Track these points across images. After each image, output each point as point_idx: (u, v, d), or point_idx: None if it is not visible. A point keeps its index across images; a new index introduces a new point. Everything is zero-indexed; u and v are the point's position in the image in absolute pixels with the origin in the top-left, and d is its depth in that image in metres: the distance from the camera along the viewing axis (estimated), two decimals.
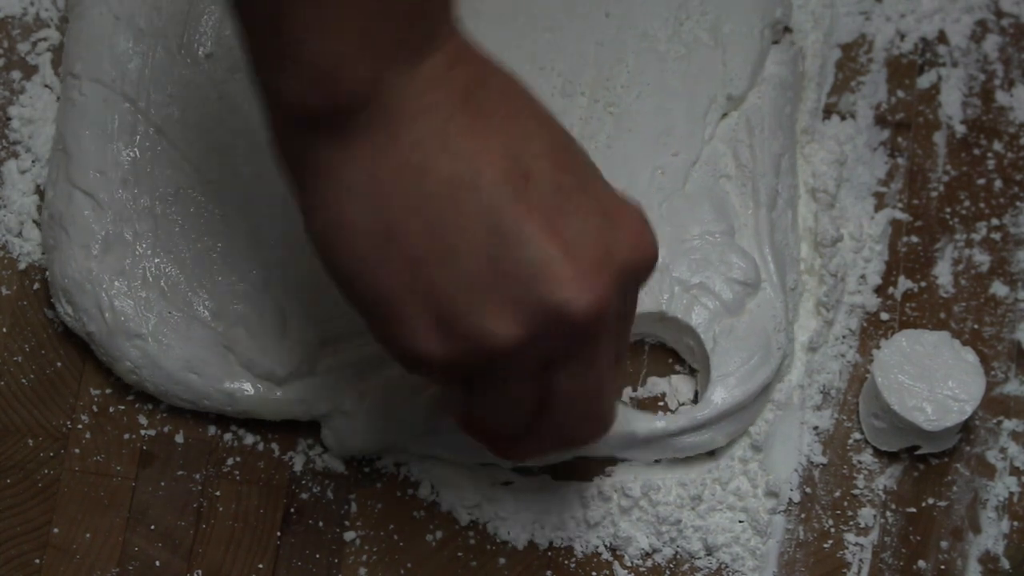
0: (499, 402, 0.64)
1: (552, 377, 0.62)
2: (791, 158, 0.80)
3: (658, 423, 0.75)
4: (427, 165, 0.58)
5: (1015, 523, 0.76)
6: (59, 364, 0.77)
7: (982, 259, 0.81)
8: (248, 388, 0.75)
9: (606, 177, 0.63)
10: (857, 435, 0.78)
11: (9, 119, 0.81)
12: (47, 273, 0.77)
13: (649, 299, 0.76)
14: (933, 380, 0.75)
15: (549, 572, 0.75)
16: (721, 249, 0.77)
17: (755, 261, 0.77)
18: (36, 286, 0.78)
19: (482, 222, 0.58)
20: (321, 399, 0.74)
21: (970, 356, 0.76)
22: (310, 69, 0.57)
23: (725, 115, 0.80)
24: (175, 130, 0.77)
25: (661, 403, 0.78)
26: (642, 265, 0.62)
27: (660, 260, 0.75)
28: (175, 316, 0.75)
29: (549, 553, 0.75)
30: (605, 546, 0.75)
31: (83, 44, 0.79)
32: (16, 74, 0.82)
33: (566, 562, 0.75)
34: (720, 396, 0.75)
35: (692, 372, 0.78)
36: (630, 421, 0.74)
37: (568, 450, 0.73)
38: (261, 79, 0.59)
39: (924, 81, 0.84)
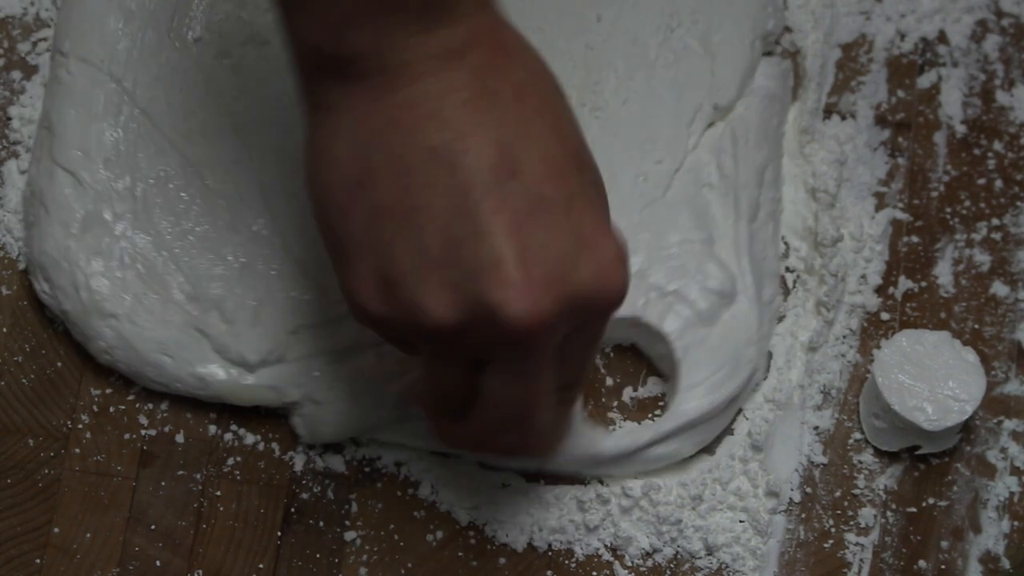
0: (433, 376, 0.65)
1: (482, 373, 0.62)
2: (775, 171, 0.80)
3: (624, 440, 0.74)
4: (415, 127, 0.58)
5: (1015, 523, 0.76)
6: (59, 364, 0.77)
7: (982, 259, 0.81)
8: (220, 373, 0.75)
9: None
10: (857, 435, 0.78)
11: (9, 119, 0.81)
12: (25, 249, 0.77)
13: (625, 304, 0.76)
14: (933, 380, 0.75)
15: (550, 572, 0.75)
16: (699, 258, 0.76)
17: (732, 272, 0.76)
18: None
19: (450, 200, 0.58)
20: (292, 386, 0.75)
21: (970, 356, 0.76)
22: (322, 18, 0.59)
23: (711, 124, 0.79)
24: (160, 112, 0.78)
25: (661, 403, 0.78)
26: (601, 299, 0.61)
27: (638, 266, 0.75)
28: (151, 298, 0.75)
29: (549, 553, 0.75)
30: (605, 546, 0.75)
31: (73, 23, 0.79)
32: (16, 74, 0.82)
33: (566, 562, 0.75)
34: (686, 406, 0.75)
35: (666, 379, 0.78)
36: (595, 441, 0.74)
37: (508, 457, 0.73)
38: (283, 17, 0.61)
39: (924, 81, 0.84)
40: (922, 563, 0.76)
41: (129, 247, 0.76)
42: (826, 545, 0.76)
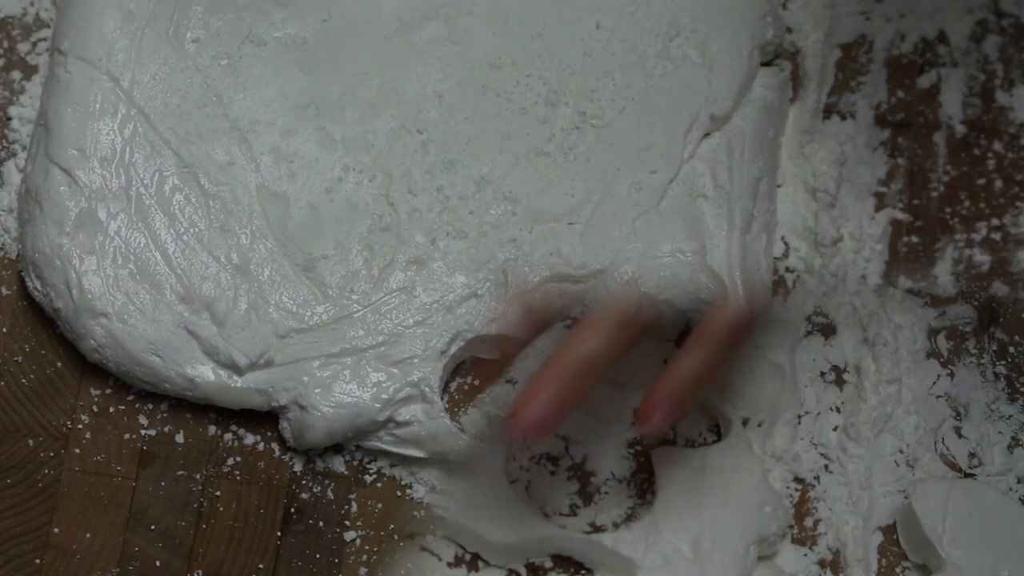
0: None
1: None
2: (770, 183, 0.80)
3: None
4: None
5: None
6: (59, 364, 0.77)
7: (982, 259, 0.81)
8: (209, 375, 0.75)
9: (583, 190, 0.64)
10: None
11: (9, 119, 0.81)
12: (19, 247, 0.77)
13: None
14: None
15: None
16: (691, 268, 0.76)
17: (724, 283, 0.76)
18: None
19: None
20: (279, 391, 0.75)
21: None
22: None
23: (707, 135, 0.79)
24: (156, 112, 0.78)
25: None
26: None
27: (629, 274, 0.76)
28: (142, 298, 0.75)
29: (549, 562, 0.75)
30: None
31: (72, 22, 0.79)
32: (16, 74, 0.82)
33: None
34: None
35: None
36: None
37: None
38: None
39: (924, 81, 0.84)
40: None
41: (122, 246, 0.76)
42: None
